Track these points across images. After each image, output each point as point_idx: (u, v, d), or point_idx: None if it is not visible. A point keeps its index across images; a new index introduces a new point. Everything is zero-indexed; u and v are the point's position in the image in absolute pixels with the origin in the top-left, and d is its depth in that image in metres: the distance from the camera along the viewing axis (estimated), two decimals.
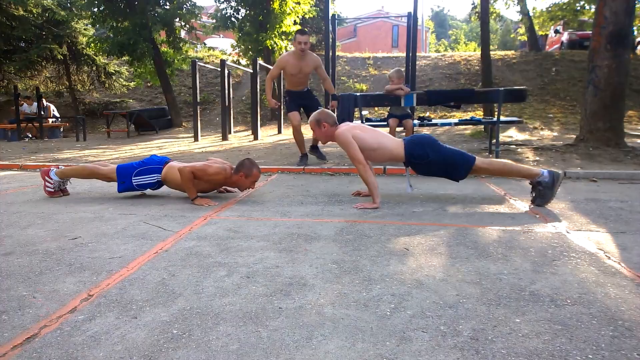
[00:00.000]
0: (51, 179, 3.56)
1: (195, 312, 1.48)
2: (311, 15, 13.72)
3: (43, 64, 12.96)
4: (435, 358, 1.19)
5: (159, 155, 3.66)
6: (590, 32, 6.00)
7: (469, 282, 1.72)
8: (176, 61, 12.43)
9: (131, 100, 14.62)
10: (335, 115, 3.41)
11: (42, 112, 10.85)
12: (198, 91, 9.28)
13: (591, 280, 1.73)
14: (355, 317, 1.44)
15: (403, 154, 3.23)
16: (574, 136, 6.35)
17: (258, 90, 9.30)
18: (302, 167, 5.11)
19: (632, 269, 1.84)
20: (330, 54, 9.44)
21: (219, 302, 1.56)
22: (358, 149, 3.16)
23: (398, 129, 5.91)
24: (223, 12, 12.84)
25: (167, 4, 12.04)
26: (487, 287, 1.67)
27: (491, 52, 10.27)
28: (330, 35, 9.43)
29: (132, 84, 13.95)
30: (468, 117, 7.44)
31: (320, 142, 3.53)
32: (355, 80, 14.71)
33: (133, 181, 3.43)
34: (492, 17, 15.13)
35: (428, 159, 3.17)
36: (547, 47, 18.75)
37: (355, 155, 3.15)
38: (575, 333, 1.32)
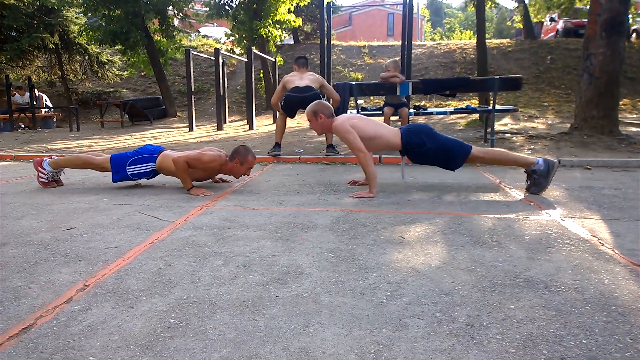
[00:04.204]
0: (44, 169, 3.52)
1: (192, 302, 1.48)
2: (305, 3, 13.57)
3: (35, 53, 12.76)
4: (431, 344, 1.21)
5: (153, 144, 3.64)
6: (586, 20, 5.97)
7: (464, 269, 1.73)
8: (170, 50, 12.28)
9: (125, 90, 14.49)
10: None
11: (35, 102, 10.72)
12: (192, 80, 9.20)
13: (585, 267, 1.74)
14: (351, 304, 1.44)
15: (400, 142, 3.23)
16: (569, 124, 6.36)
17: (253, 79, 9.23)
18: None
19: (626, 256, 1.86)
20: (326, 42, 9.37)
21: (216, 291, 1.56)
22: (358, 137, 3.15)
23: (394, 118, 5.91)
24: (217, 0, 12.68)
25: None
26: (482, 274, 1.68)
27: (486, 41, 10.23)
28: (325, 24, 9.36)
29: (125, 73, 13.79)
30: (463, 106, 7.45)
31: (316, 132, 3.50)
32: (351, 69, 14.64)
33: (127, 170, 3.41)
34: (488, 5, 15.04)
35: (425, 147, 3.16)
36: (543, 35, 18.69)
37: (356, 144, 3.14)
38: (569, 319, 1.34)
